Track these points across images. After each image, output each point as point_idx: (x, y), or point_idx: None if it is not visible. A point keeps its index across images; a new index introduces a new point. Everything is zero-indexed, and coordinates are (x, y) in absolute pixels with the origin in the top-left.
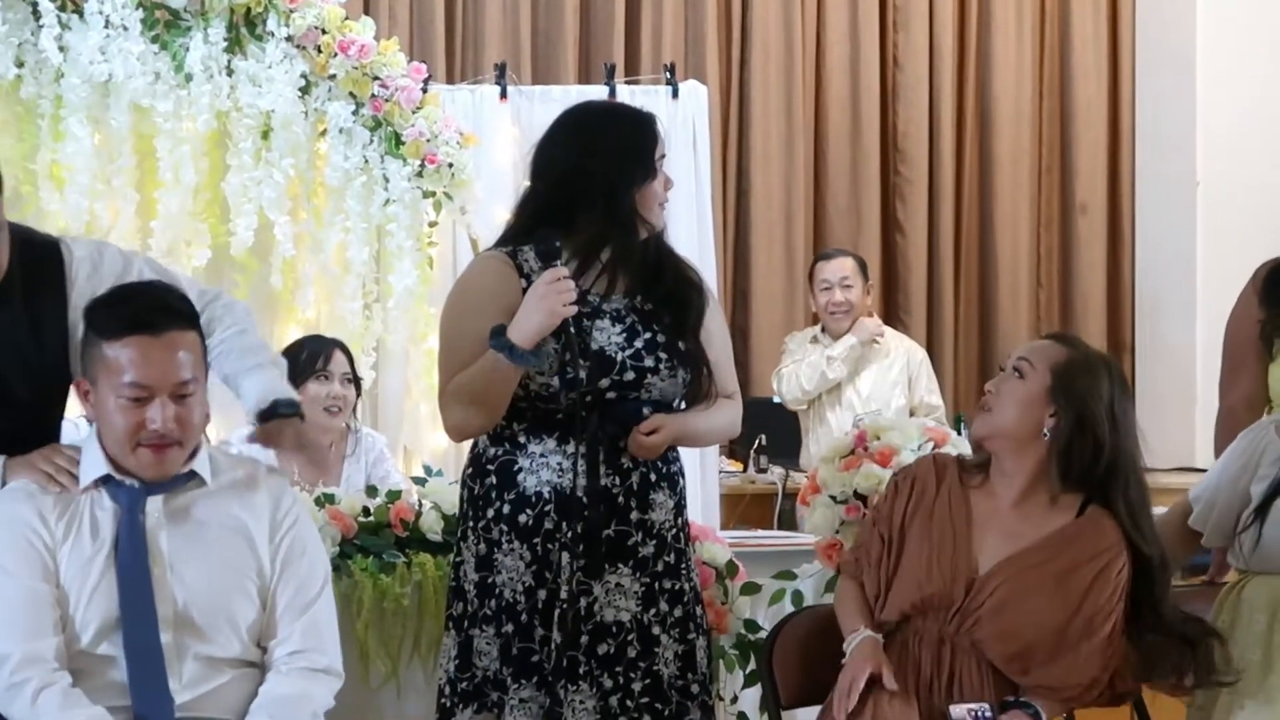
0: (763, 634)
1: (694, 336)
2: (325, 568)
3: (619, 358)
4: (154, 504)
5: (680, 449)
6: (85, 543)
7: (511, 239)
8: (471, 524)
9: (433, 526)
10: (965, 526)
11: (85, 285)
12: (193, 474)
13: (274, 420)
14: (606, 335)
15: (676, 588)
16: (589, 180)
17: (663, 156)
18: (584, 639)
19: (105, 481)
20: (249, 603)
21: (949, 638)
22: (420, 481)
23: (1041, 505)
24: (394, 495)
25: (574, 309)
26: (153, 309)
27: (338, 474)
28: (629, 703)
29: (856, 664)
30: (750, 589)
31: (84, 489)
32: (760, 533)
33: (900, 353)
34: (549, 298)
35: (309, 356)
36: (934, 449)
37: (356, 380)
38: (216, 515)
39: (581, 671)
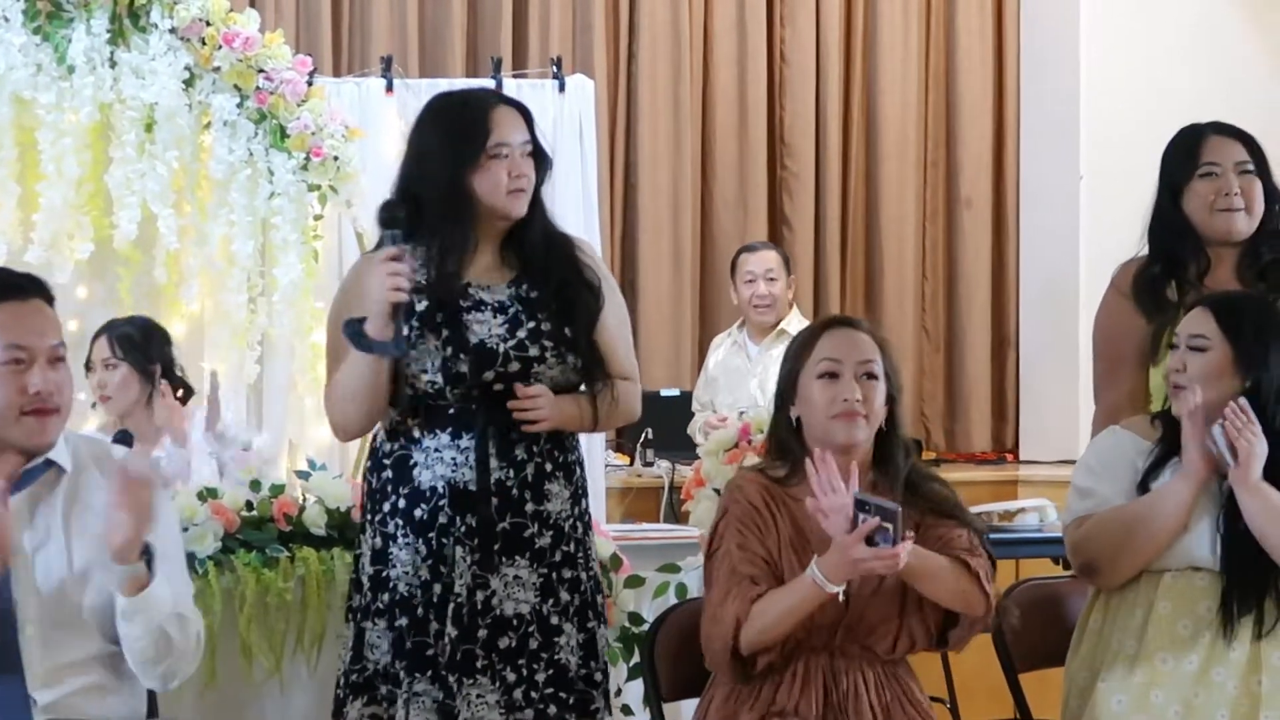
0: (646, 627)
1: (586, 332)
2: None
3: (501, 349)
4: (16, 503)
5: (580, 437)
6: None
7: None
8: (369, 518)
9: (316, 521)
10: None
11: None
12: (49, 463)
13: None
14: (487, 328)
15: (574, 576)
16: (423, 171)
17: (529, 144)
18: (483, 633)
19: None
20: (109, 593)
21: (836, 650)
22: (304, 475)
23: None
24: (277, 489)
25: (403, 295)
26: (16, 278)
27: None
28: (533, 694)
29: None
30: (634, 582)
31: None
32: (645, 526)
33: None
34: (374, 281)
35: None
36: None
37: (137, 357)
38: (75, 506)
39: (480, 665)
